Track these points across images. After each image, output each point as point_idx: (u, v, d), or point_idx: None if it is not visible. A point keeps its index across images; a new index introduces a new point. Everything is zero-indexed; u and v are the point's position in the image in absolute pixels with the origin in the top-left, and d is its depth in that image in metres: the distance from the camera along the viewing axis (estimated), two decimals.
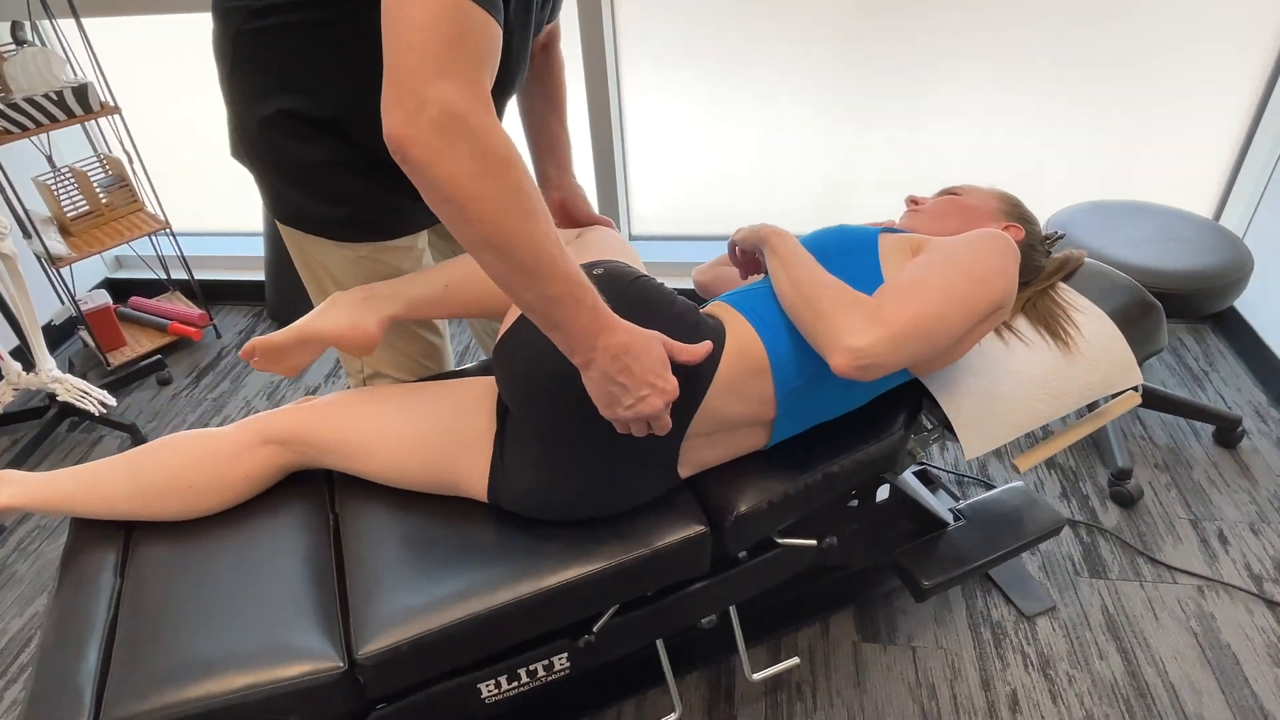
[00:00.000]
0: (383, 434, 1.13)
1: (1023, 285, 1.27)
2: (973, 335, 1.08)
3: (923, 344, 0.97)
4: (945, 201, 1.27)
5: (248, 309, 2.76)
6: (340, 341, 1.11)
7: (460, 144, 0.72)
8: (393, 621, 0.99)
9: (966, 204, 1.26)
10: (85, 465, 1.14)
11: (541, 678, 1.16)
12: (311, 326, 1.12)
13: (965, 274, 1.01)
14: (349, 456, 1.14)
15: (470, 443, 1.10)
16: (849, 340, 0.95)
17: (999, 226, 1.23)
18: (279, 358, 1.14)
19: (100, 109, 2.19)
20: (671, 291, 1.07)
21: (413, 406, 1.14)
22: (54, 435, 2.23)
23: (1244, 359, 2.15)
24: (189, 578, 1.07)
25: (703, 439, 1.10)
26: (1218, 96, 2.07)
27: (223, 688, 0.94)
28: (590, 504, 1.09)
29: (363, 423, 1.14)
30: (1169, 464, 1.88)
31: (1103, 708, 1.41)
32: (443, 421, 1.12)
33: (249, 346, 1.12)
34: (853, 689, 1.47)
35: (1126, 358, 1.23)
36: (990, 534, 1.43)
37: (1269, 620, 1.53)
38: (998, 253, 1.04)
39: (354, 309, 1.12)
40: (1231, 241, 1.74)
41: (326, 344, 1.14)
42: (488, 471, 1.08)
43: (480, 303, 1.20)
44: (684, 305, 1.06)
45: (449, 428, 1.11)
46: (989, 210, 1.25)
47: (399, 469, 1.13)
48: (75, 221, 2.34)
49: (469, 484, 1.10)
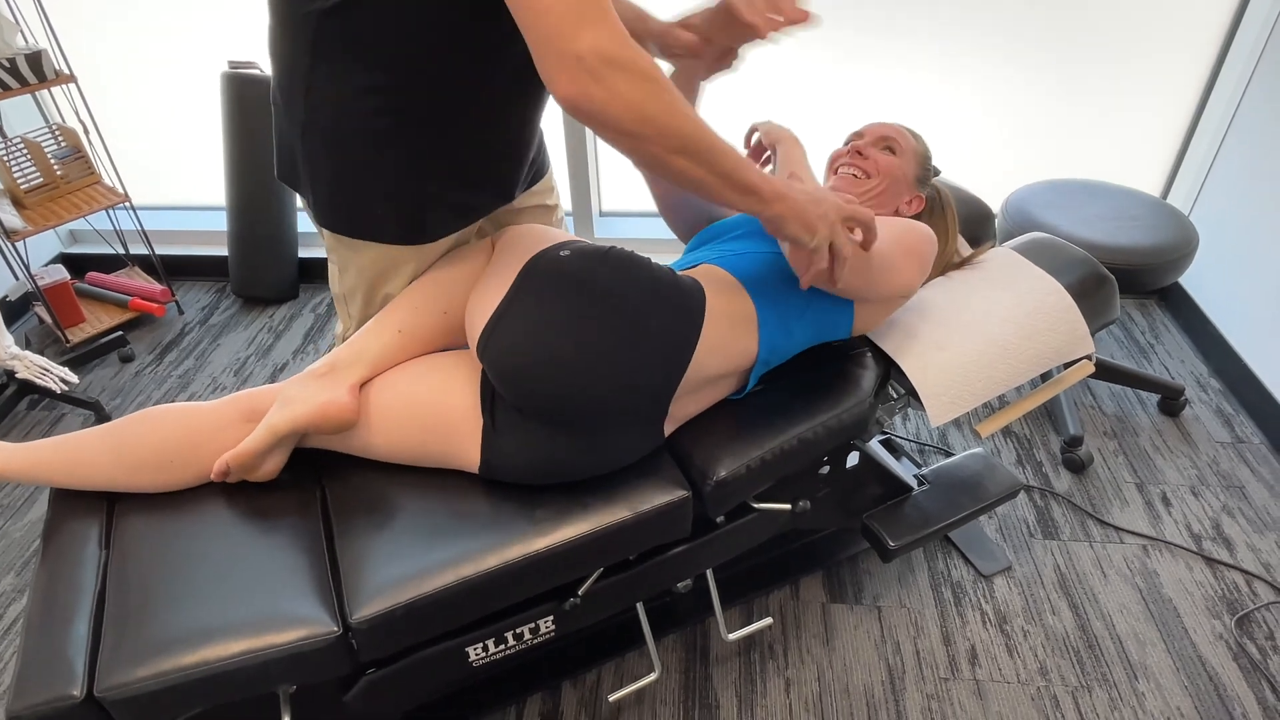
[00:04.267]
0: (371, 410, 1.13)
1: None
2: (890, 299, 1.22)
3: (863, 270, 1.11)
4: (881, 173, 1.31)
5: (210, 284, 2.71)
6: (319, 424, 1.08)
7: (621, 80, 0.80)
8: (386, 587, 1.02)
9: (895, 172, 1.31)
10: (64, 435, 1.14)
11: (528, 640, 1.19)
12: (283, 422, 1.08)
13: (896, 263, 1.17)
14: (342, 438, 1.15)
15: (460, 415, 1.11)
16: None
17: (908, 198, 1.34)
18: (255, 464, 1.12)
19: (55, 77, 2.12)
20: (645, 257, 1.11)
21: (400, 381, 1.14)
22: (13, 413, 2.18)
23: (1187, 332, 2.26)
24: (177, 548, 1.07)
25: (688, 396, 1.15)
26: (1167, 77, 2.16)
27: (217, 654, 0.95)
28: (583, 468, 1.12)
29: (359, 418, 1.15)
30: (1117, 431, 1.98)
31: (1055, 659, 1.50)
32: (431, 395, 1.12)
33: (220, 469, 1.10)
34: (822, 647, 1.54)
35: (1081, 328, 1.30)
36: (952, 497, 1.50)
37: (1207, 576, 1.64)
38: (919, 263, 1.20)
39: (320, 388, 1.09)
40: (1179, 219, 1.82)
41: (301, 433, 1.11)
42: (479, 443, 1.10)
43: (439, 336, 1.19)
44: (661, 268, 1.10)
45: (437, 401, 1.12)
46: (909, 179, 1.33)
47: (388, 445, 1.14)
48: (29, 194, 2.28)
49: (461, 456, 1.12)
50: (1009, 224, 1.88)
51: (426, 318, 1.18)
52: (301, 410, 1.08)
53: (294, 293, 2.62)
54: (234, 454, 1.10)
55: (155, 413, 1.14)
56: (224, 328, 2.50)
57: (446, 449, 1.13)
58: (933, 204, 1.40)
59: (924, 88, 2.24)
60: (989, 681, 1.47)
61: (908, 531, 1.43)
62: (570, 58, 0.79)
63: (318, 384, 1.10)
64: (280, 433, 1.09)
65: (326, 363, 1.13)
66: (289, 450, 1.15)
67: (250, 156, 2.36)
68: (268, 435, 1.09)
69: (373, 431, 1.13)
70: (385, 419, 1.13)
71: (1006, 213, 1.90)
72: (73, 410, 2.19)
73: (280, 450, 1.13)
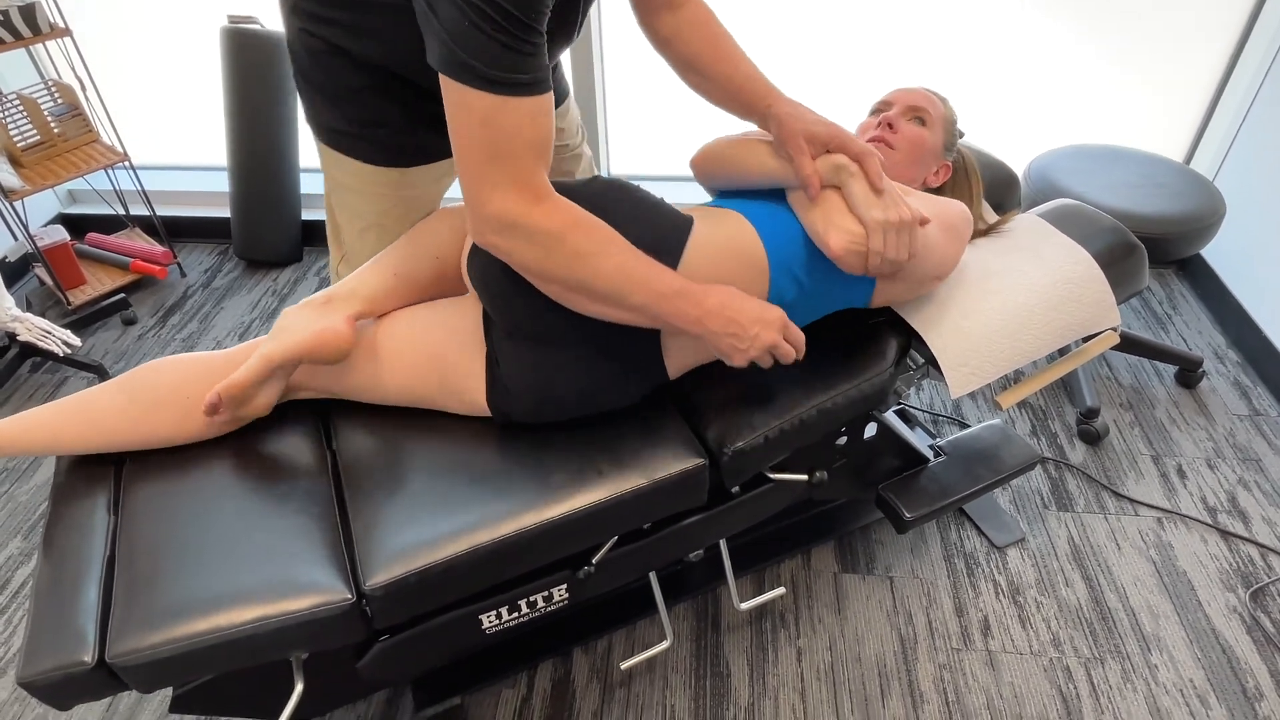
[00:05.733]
0: (378, 346, 1.12)
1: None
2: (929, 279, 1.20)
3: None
4: (911, 145, 1.25)
5: (213, 246, 2.67)
6: (315, 351, 1.05)
7: (520, 242, 0.93)
8: (399, 554, 1.00)
9: (924, 142, 1.25)
10: (68, 396, 1.11)
11: (541, 608, 1.18)
12: (278, 350, 1.05)
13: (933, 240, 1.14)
14: (348, 374, 1.13)
15: (464, 344, 1.11)
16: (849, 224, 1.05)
17: (937, 166, 1.30)
18: (248, 395, 1.08)
19: (49, 30, 2.06)
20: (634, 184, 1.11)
21: (404, 319, 1.14)
22: (15, 376, 2.16)
23: (1206, 302, 2.23)
24: (187, 513, 1.06)
25: (689, 343, 1.12)
26: (1193, 39, 2.09)
27: (230, 621, 0.94)
28: (584, 395, 1.10)
29: (361, 340, 1.13)
30: (1133, 403, 1.95)
31: (1068, 630, 1.49)
32: (436, 328, 1.12)
33: (211, 403, 1.05)
34: (834, 616, 1.53)
35: (1108, 299, 1.27)
36: (969, 469, 1.48)
37: (1222, 549, 1.63)
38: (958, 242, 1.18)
39: (317, 316, 1.08)
40: (1205, 187, 1.78)
41: (297, 363, 1.08)
42: (484, 370, 1.09)
43: (432, 281, 1.18)
44: (652, 196, 1.10)
45: (442, 334, 1.12)
46: (937, 149, 1.28)
47: (396, 382, 1.12)
48: (26, 153, 2.23)
49: (467, 387, 1.11)
50: (1032, 190, 1.83)
51: (421, 262, 1.18)
52: (297, 338, 1.05)
53: (298, 255, 2.58)
54: (226, 384, 1.05)
55: (167, 359, 1.12)
56: (227, 291, 2.46)
57: (453, 381, 1.11)
58: (957, 169, 1.36)
59: (944, 48, 2.18)
60: (1001, 652, 1.46)
61: (923, 503, 1.41)
62: (479, 217, 0.92)
63: (315, 313, 1.09)
64: (274, 361, 1.06)
65: (324, 295, 1.12)
66: (283, 384, 1.11)
67: (251, 115, 2.30)
68: (261, 364, 1.06)
69: (381, 367, 1.12)
70: (393, 355, 1.12)
71: (1029, 178, 1.86)
72: (76, 373, 2.16)
73: (274, 383, 1.10)
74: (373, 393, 1.15)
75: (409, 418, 1.18)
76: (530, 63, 0.86)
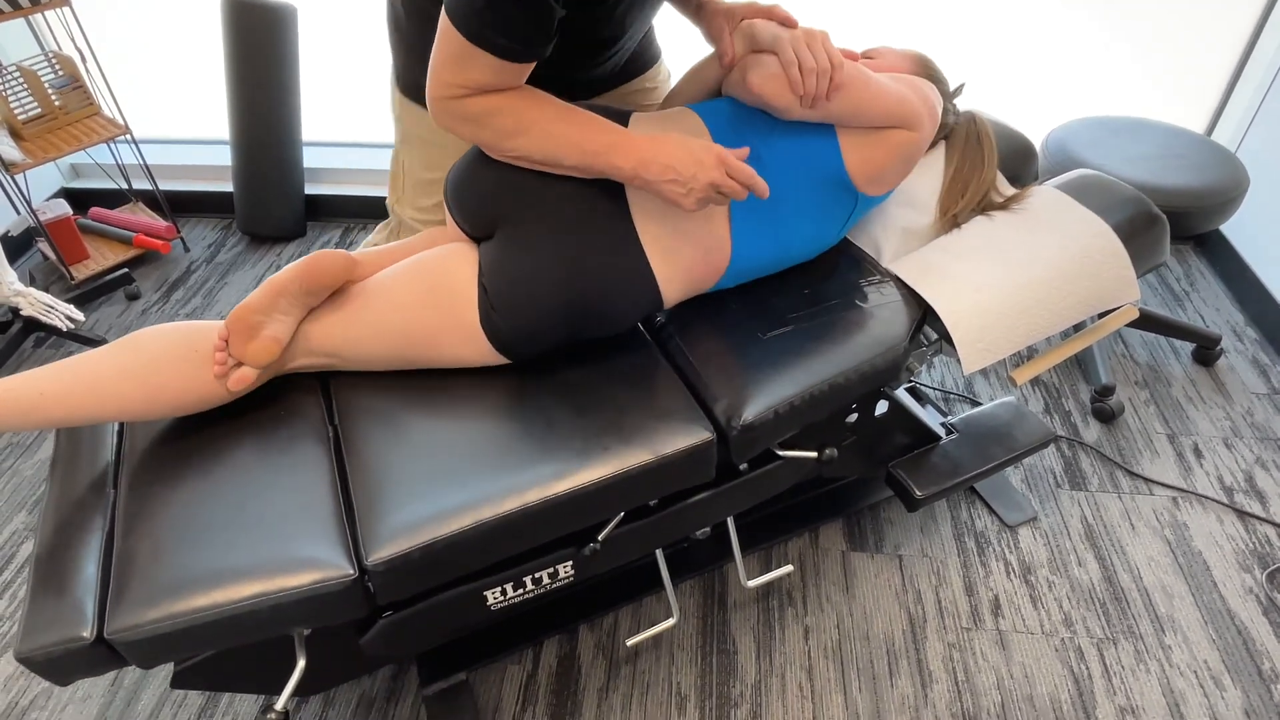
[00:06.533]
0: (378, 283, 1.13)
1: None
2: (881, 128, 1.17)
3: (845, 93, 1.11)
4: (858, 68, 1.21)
5: (216, 221, 2.65)
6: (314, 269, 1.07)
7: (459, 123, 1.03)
8: (402, 529, 0.98)
9: (877, 66, 1.26)
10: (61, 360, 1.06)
11: (546, 585, 1.17)
12: (280, 274, 1.07)
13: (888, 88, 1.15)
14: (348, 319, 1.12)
15: (459, 264, 1.12)
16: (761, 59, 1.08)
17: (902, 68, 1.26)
18: (254, 324, 1.06)
19: (48, 1, 2.03)
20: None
21: (404, 259, 1.17)
22: (19, 351, 2.15)
23: (1224, 279, 2.18)
24: (187, 490, 1.04)
25: (657, 213, 1.11)
26: (1216, 8, 2.03)
27: (230, 597, 0.93)
28: (574, 291, 1.09)
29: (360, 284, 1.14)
30: (1149, 381, 1.92)
31: (1080, 610, 1.47)
32: (429, 254, 1.15)
33: (221, 334, 1.06)
34: (842, 595, 1.51)
35: (1128, 273, 1.24)
36: (981, 447, 1.45)
37: (1238, 529, 1.60)
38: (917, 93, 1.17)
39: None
40: (1228, 160, 1.73)
41: (300, 286, 1.07)
42: (475, 291, 1.09)
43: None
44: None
45: (435, 256, 1.14)
46: (899, 69, 1.25)
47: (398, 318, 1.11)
48: (27, 125, 2.20)
49: (461, 308, 1.10)
50: (1050, 162, 1.79)
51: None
52: (297, 263, 1.09)
53: (301, 230, 2.55)
54: (232, 313, 1.06)
55: (167, 324, 1.11)
56: (231, 266, 2.44)
57: (448, 301, 1.10)
58: (969, 135, 1.32)
59: (961, 18, 2.12)
60: (1012, 632, 1.44)
61: (935, 481, 1.39)
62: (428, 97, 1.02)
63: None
64: (278, 284, 1.07)
65: None
66: (290, 318, 1.09)
67: (254, 87, 2.27)
68: (266, 288, 1.07)
69: (379, 300, 1.11)
70: (390, 279, 1.13)
71: (1047, 150, 1.81)
72: (80, 348, 2.15)
73: (281, 315, 1.08)
74: (373, 338, 1.12)
75: (411, 391, 1.16)
76: (518, 27, 0.93)
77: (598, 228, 1.09)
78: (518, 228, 1.09)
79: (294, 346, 1.12)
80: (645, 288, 1.12)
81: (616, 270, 1.10)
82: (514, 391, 1.16)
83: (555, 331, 1.12)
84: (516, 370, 1.18)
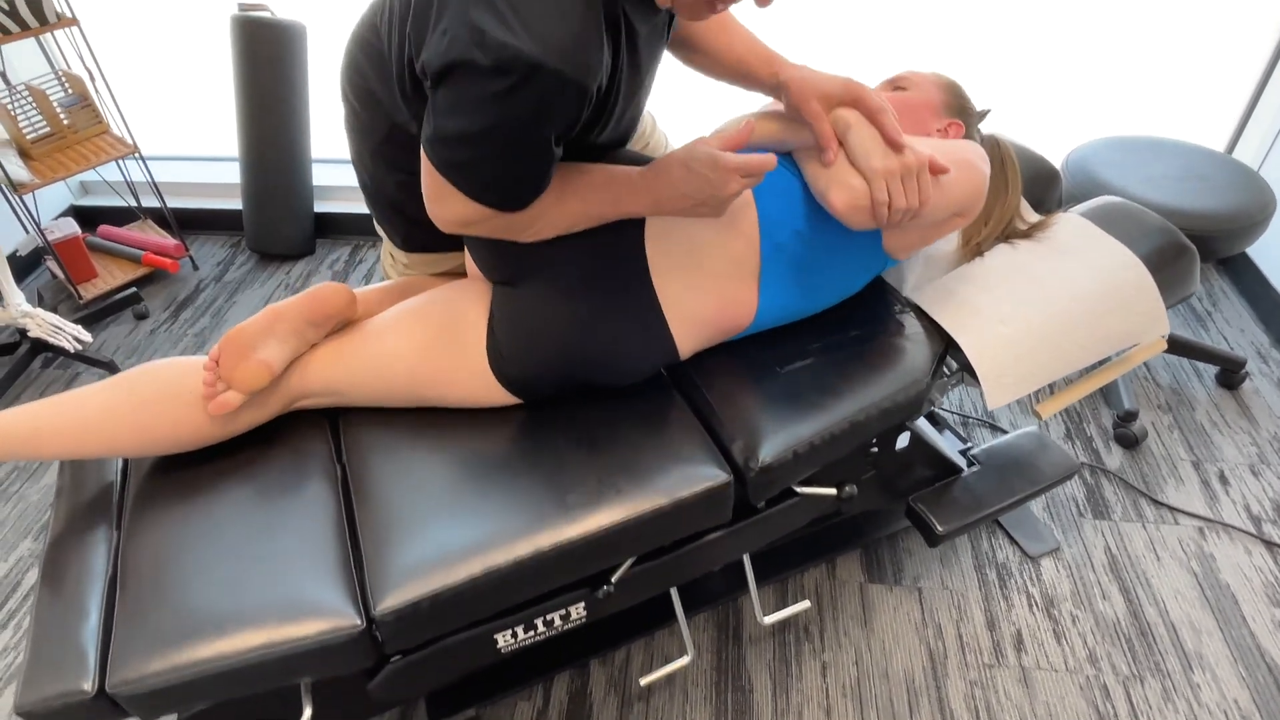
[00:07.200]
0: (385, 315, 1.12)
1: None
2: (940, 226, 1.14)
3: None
4: (899, 106, 1.18)
5: (225, 238, 2.64)
6: (314, 302, 1.07)
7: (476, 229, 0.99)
8: (410, 575, 0.95)
9: (911, 101, 1.19)
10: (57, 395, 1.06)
11: (558, 626, 1.14)
12: (281, 303, 1.07)
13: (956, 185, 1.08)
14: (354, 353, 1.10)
15: (467, 304, 1.10)
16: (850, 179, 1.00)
17: (941, 124, 1.20)
18: (251, 344, 1.04)
19: (57, 20, 2.02)
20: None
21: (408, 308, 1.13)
22: (27, 372, 2.14)
23: (1248, 299, 2.14)
24: (192, 531, 1.02)
25: (679, 271, 1.07)
26: (1236, 23, 1.99)
27: (235, 648, 0.90)
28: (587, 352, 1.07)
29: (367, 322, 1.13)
30: (1172, 405, 1.88)
31: (1105, 646, 1.43)
32: (439, 294, 1.13)
33: (213, 354, 1.04)
34: (860, 629, 1.48)
35: (1158, 308, 1.20)
36: (1004, 479, 1.41)
37: (1267, 561, 1.56)
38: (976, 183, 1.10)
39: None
40: (1253, 180, 1.69)
41: (301, 318, 1.06)
42: (485, 334, 1.08)
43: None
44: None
45: (446, 297, 1.12)
46: (933, 105, 1.20)
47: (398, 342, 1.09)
48: (36, 144, 2.19)
49: (469, 343, 1.08)
50: (1071, 184, 1.75)
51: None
52: (300, 293, 1.09)
53: (310, 248, 2.54)
54: (229, 332, 1.05)
55: (164, 360, 1.09)
56: (240, 284, 2.43)
57: (455, 338, 1.08)
58: (993, 159, 1.29)
59: (978, 38, 2.08)
60: (1035, 669, 1.41)
61: (957, 516, 1.35)
62: (436, 221, 0.99)
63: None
64: (277, 309, 1.06)
65: None
66: (285, 351, 1.07)
67: (263, 105, 2.25)
68: (265, 312, 1.07)
69: (387, 330, 1.10)
70: (398, 317, 1.11)
71: (1068, 171, 1.78)
72: (87, 369, 2.14)
73: (277, 342, 1.06)
74: (378, 378, 1.10)
75: (420, 428, 1.13)
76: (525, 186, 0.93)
77: (615, 289, 1.05)
78: (533, 282, 1.06)
79: (297, 383, 1.10)
80: (661, 349, 1.10)
81: (632, 333, 1.07)
82: (525, 428, 1.13)
83: (568, 381, 1.11)
84: (527, 405, 1.15)
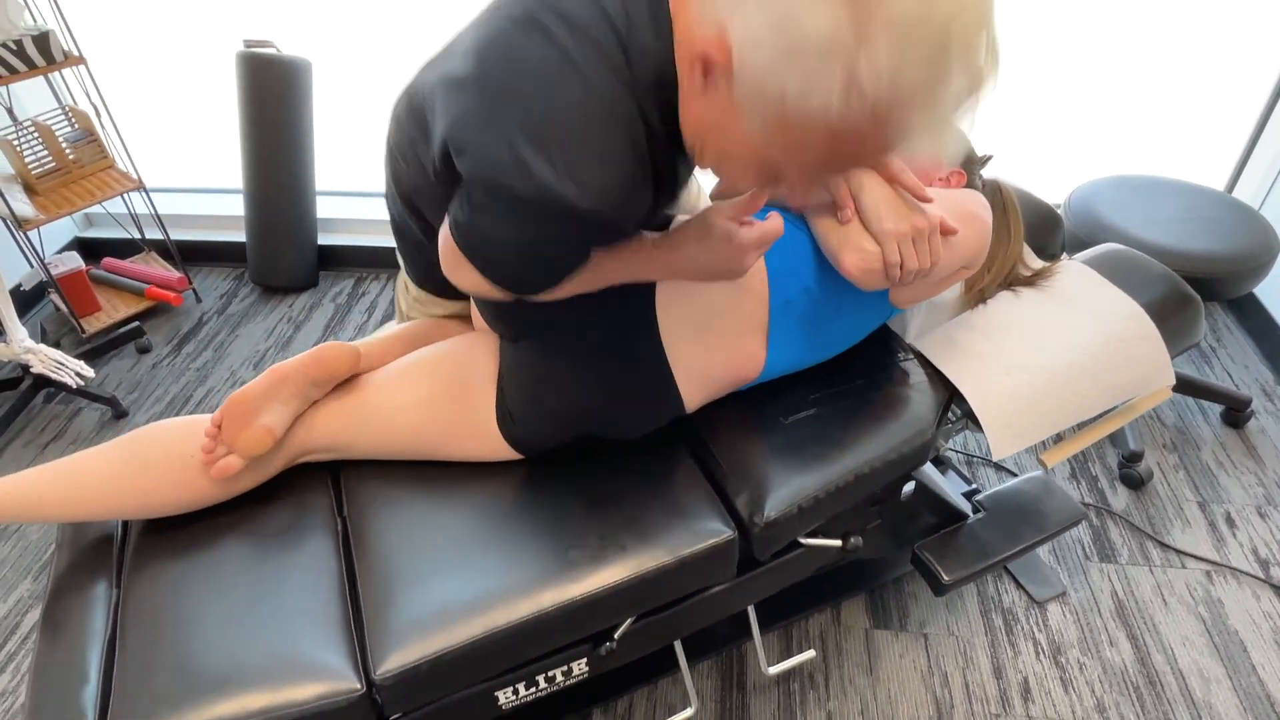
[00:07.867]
0: (392, 369, 1.11)
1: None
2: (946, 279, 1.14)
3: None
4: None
5: (228, 271, 2.64)
6: (318, 362, 1.05)
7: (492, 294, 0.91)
8: (410, 636, 0.95)
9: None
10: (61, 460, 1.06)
11: (560, 683, 1.13)
12: (285, 363, 1.05)
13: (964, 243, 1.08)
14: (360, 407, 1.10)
15: (475, 361, 1.09)
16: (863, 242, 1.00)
17: (943, 173, 1.20)
18: (253, 408, 1.03)
19: (64, 59, 2.04)
20: None
21: (414, 364, 1.12)
22: (29, 408, 2.13)
23: (1252, 335, 2.13)
24: (192, 590, 1.01)
25: (690, 332, 1.06)
26: (1236, 62, 2.00)
27: (234, 710, 0.89)
28: (596, 413, 1.07)
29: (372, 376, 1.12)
30: (1177, 444, 1.87)
31: (1113, 695, 1.42)
32: (447, 348, 1.12)
33: (215, 418, 1.03)
34: (865, 677, 1.46)
35: (1163, 359, 1.20)
36: (1009, 526, 1.40)
37: (1276, 606, 1.54)
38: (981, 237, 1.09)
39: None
40: (1256, 221, 1.69)
41: (304, 378, 1.06)
42: (494, 397, 1.07)
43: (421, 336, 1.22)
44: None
45: (455, 352, 1.11)
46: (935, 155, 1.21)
47: (407, 400, 1.09)
48: (41, 179, 2.20)
49: (479, 403, 1.08)
50: (1073, 224, 1.75)
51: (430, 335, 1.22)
52: (304, 354, 1.07)
53: (314, 281, 2.54)
54: (232, 396, 1.04)
55: (162, 423, 1.09)
56: (242, 317, 2.43)
57: (464, 400, 1.08)
58: (995, 206, 1.29)
59: None
60: (1043, 719, 1.39)
61: (963, 564, 1.34)
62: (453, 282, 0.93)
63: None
64: (281, 371, 1.05)
65: None
66: (287, 414, 1.07)
67: (267, 140, 2.27)
68: (269, 375, 1.05)
69: (393, 387, 1.09)
70: (404, 373, 1.10)
71: (1070, 211, 1.78)
72: (89, 404, 2.14)
73: (280, 405, 1.05)
74: (382, 434, 1.10)
75: (422, 481, 1.13)
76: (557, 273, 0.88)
77: (626, 352, 1.05)
78: (544, 342, 1.05)
79: (299, 440, 1.09)
80: (669, 406, 1.10)
81: (641, 394, 1.07)
82: (528, 481, 1.12)
83: (575, 438, 1.11)
84: (529, 459, 1.15)
